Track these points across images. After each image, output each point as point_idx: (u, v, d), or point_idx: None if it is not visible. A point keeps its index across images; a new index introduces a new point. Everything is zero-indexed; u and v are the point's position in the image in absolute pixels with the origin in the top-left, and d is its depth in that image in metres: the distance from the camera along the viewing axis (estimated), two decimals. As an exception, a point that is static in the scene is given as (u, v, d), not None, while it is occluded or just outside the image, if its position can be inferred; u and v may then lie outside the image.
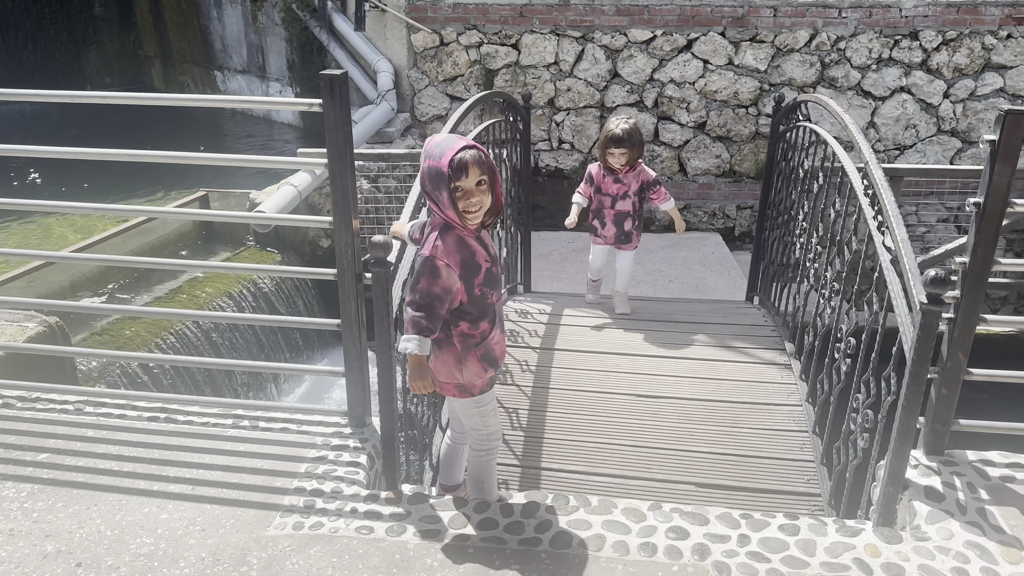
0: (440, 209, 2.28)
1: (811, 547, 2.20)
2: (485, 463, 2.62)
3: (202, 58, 11.76)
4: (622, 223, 4.52)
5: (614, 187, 4.45)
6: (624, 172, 4.39)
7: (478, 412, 2.55)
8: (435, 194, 2.27)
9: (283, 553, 2.19)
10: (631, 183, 4.44)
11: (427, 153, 2.28)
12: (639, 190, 4.49)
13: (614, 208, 4.48)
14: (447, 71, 7.58)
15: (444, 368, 2.42)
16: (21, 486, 2.47)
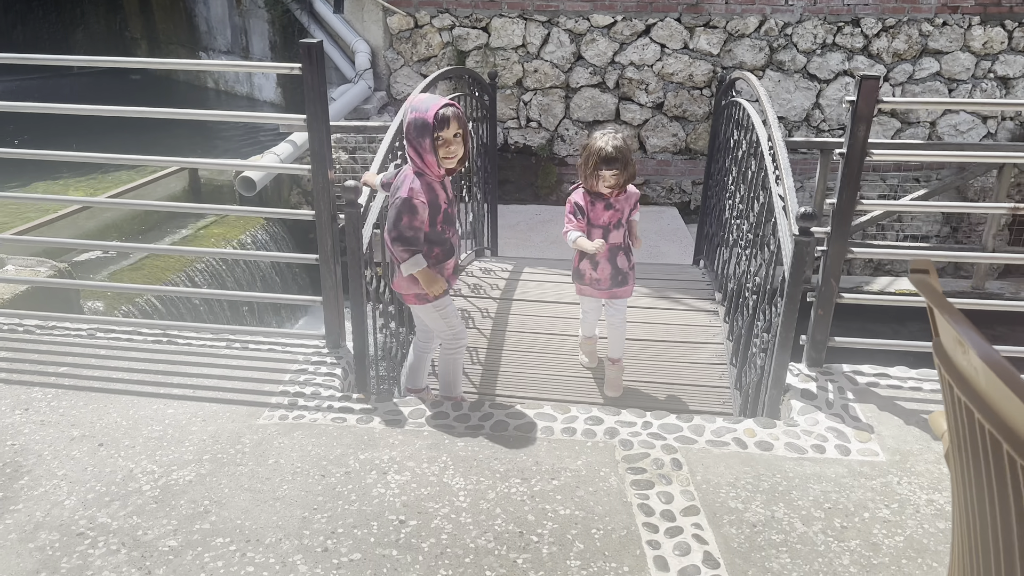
0: (420, 154, 2.80)
1: (700, 430, 2.72)
2: (453, 360, 3.14)
3: (187, 40, 12.09)
4: (616, 259, 3.62)
5: (606, 215, 3.51)
6: (616, 196, 3.50)
7: (440, 315, 3.08)
8: (418, 140, 2.78)
9: (271, 436, 2.67)
10: (624, 208, 3.55)
11: (413, 107, 2.81)
12: (630, 215, 3.63)
13: (607, 241, 3.54)
14: (421, 52, 8.02)
15: (404, 282, 2.97)
16: (47, 390, 2.93)
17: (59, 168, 7.08)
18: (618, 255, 3.65)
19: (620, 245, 3.64)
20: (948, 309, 0.89)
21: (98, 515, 2.27)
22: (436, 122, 2.76)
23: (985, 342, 0.83)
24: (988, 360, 0.80)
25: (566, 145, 8.17)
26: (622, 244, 3.64)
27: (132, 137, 8.36)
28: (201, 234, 5.67)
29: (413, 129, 2.79)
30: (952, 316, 0.87)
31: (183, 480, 2.43)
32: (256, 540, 2.18)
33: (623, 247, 3.65)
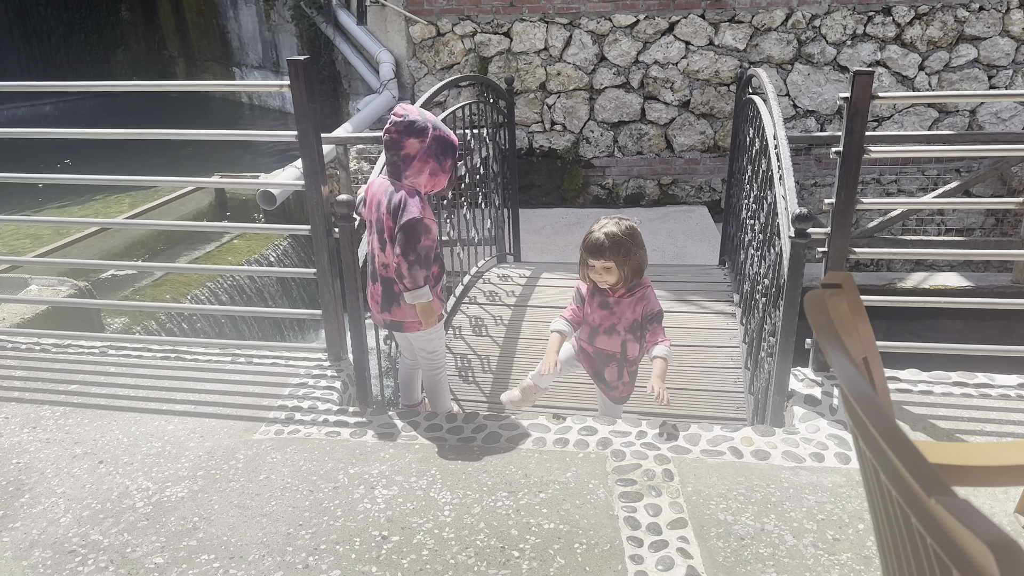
0: (439, 174, 2.76)
1: (696, 439, 2.66)
2: (439, 379, 3.14)
3: (221, 56, 12.36)
4: (602, 369, 3.04)
5: (598, 315, 2.96)
6: (617, 296, 2.91)
7: (437, 339, 3.05)
8: (442, 160, 2.73)
9: (265, 451, 2.70)
10: (623, 315, 2.92)
11: (436, 124, 2.75)
12: (635, 325, 2.94)
13: (593, 344, 3.01)
14: (444, 60, 8.05)
15: (412, 309, 2.88)
16: (55, 408, 3.01)
17: (93, 188, 7.31)
18: (608, 365, 3.00)
19: (612, 355, 2.97)
20: (830, 339, 0.84)
21: (91, 532, 2.32)
22: (455, 149, 2.79)
23: (859, 376, 0.78)
24: (858, 399, 0.75)
25: (591, 147, 8.11)
26: (617, 355, 2.96)
27: (168, 153, 8.59)
28: (225, 249, 5.79)
29: (440, 148, 2.70)
30: (831, 346, 0.82)
31: (175, 497, 2.47)
32: (240, 557, 2.20)
33: (617, 358, 2.98)
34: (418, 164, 2.71)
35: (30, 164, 3.34)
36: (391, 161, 2.76)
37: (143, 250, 5.62)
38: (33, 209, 3.99)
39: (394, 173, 2.76)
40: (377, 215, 2.79)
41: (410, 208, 2.67)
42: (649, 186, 8.15)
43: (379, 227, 2.80)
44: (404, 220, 2.68)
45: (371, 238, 2.89)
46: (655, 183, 8.15)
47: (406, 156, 2.72)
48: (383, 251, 2.82)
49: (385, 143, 2.78)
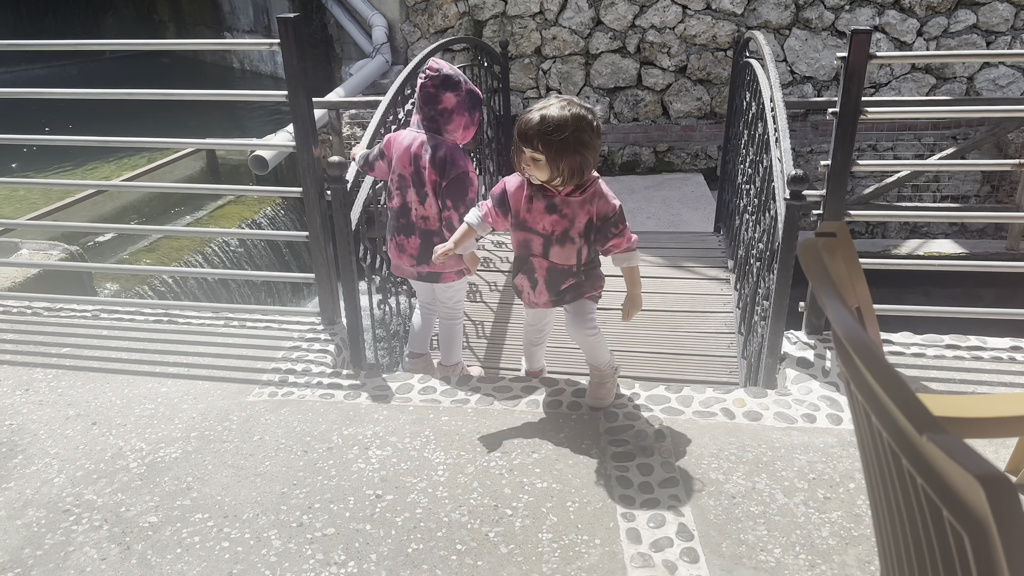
0: (468, 126, 2.77)
1: (688, 401, 2.67)
2: (457, 329, 3.19)
3: (212, 21, 12.18)
4: (558, 284, 2.57)
5: (547, 220, 2.45)
6: (565, 194, 2.40)
7: (463, 290, 3.11)
8: (473, 112, 2.74)
9: (259, 412, 2.70)
10: (576, 217, 2.43)
11: (465, 78, 2.75)
12: (590, 229, 2.45)
13: (548, 258, 2.51)
14: (438, 23, 7.94)
15: (451, 260, 2.75)
16: (48, 371, 3.00)
17: (85, 152, 7.23)
18: (566, 280, 2.56)
19: (568, 269, 2.52)
20: (824, 284, 0.83)
21: (85, 492, 2.32)
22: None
23: (852, 320, 0.77)
24: (851, 341, 0.75)
25: (587, 113, 8.04)
26: (573, 268, 2.52)
27: (158, 119, 8.50)
28: (218, 215, 5.74)
29: (471, 101, 2.71)
30: (825, 291, 0.81)
31: (169, 457, 2.47)
32: (234, 516, 2.21)
33: (575, 274, 2.54)
34: (457, 118, 2.73)
35: (19, 126, 3.30)
36: (429, 116, 2.74)
37: (135, 215, 5.57)
38: (24, 172, 3.94)
39: (433, 128, 2.73)
40: (415, 168, 2.74)
41: (458, 162, 2.69)
42: (645, 153, 8.10)
43: (417, 180, 2.75)
44: (454, 174, 2.69)
45: (401, 192, 2.83)
46: (651, 150, 8.10)
47: (443, 110, 2.71)
48: (423, 204, 2.78)
49: (421, 98, 2.75)
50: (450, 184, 2.70)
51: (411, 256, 2.94)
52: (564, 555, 2.02)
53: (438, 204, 2.77)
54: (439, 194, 2.75)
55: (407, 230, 2.90)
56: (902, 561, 0.86)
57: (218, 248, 5.33)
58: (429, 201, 2.80)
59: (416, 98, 2.82)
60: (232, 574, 2.00)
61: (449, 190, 2.70)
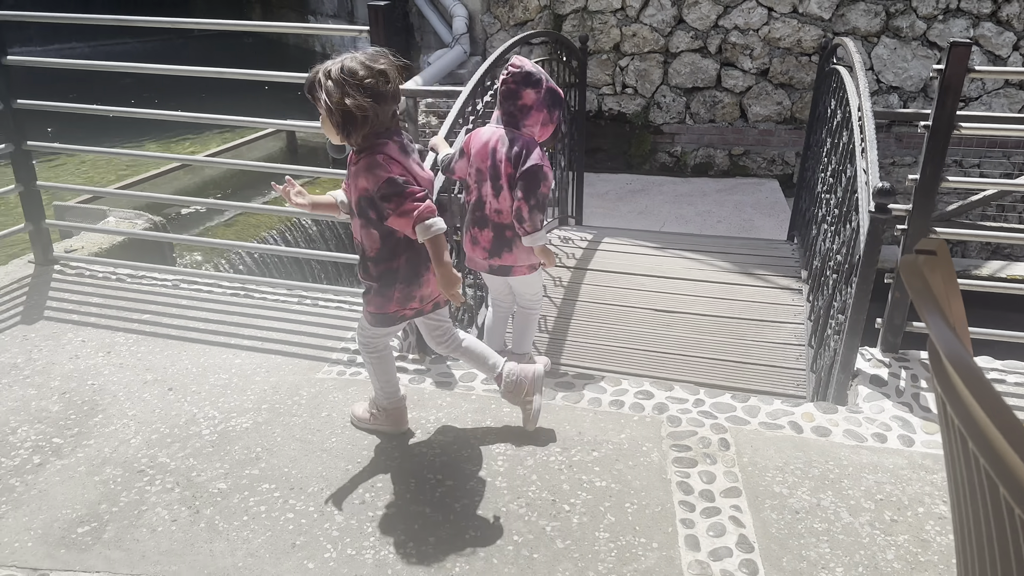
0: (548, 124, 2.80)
1: (755, 411, 2.63)
2: (533, 318, 3.21)
3: (297, 4, 12.44)
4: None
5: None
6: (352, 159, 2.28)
7: (539, 282, 3.12)
8: (552, 111, 2.79)
9: (327, 389, 2.76)
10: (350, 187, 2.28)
11: (548, 77, 2.79)
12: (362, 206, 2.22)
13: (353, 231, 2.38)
14: (518, 16, 7.96)
15: (524, 254, 2.88)
16: (129, 335, 3.13)
17: (171, 126, 7.48)
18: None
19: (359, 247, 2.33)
20: (927, 302, 0.81)
21: (159, 455, 2.42)
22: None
23: (956, 340, 0.75)
24: (954, 362, 0.72)
25: (663, 113, 7.95)
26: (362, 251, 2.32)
27: (242, 98, 8.72)
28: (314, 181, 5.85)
29: (551, 99, 2.76)
30: (928, 310, 0.79)
31: (240, 427, 2.55)
32: (300, 488, 2.27)
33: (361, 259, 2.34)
34: (535, 114, 2.77)
35: (109, 99, 3.42)
36: (508, 111, 2.79)
37: (216, 190, 5.75)
38: (113, 143, 4.10)
39: (511, 123, 2.79)
40: (492, 162, 2.80)
41: (533, 155, 2.74)
42: (719, 156, 7.97)
43: (494, 174, 2.80)
44: (527, 166, 2.73)
45: (478, 186, 2.88)
46: (726, 153, 7.97)
47: (523, 106, 2.76)
48: (497, 198, 2.83)
49: (502, 93, 2.79)
50: (523, 175, 2.74)
51: (484, 249, 2.96)
52: (620, 556, 2.01)
53: (512, 197, 2.81)
54: (513, 186, 2.79)
55: (481, 223, 2.93)
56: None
57: (292, 226, 5.46)
58: (503, 195, 2.83)
59: (498, 93, 2.85)
60: (295, 545, 2.05)
61: (522, 182, 2.74)
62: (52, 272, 3.62)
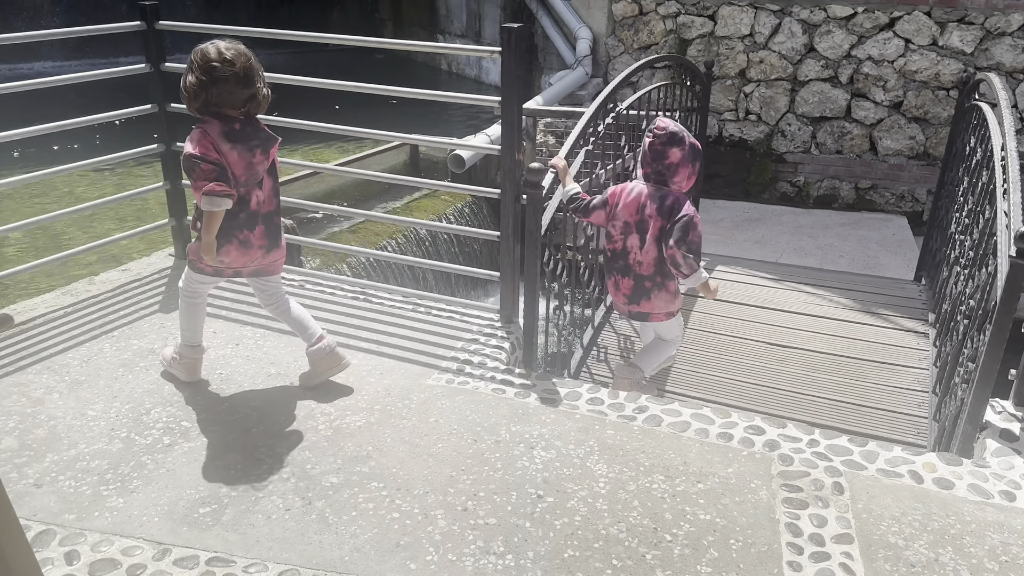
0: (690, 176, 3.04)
1: (873, 456, 2.51)
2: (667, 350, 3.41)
3: (427, 23, 12.87)
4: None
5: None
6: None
7: (677, 325, 3.31)
8: (694, 164, 3.03)
9: (436, 396, 2.83)
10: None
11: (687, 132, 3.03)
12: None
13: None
14: (642, 39, 7.95)
15: (662, 301, 3.14)
16: (256, 330, 3.31)
17: (304, 135, 7.85)
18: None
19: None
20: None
21: (277, 445, 2.54)
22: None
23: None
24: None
25: (786, 141, 7.75)
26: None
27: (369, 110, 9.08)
28: (413, 205, 6.08)
29: (693, 154, 2.99)
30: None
31: (353, 425, 2.65)
32: (406, 489, 2.34)
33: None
34: (682, 170, 3.01)
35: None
36: (656, 170, 3.02)
37: (342, 198, 6.01)
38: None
39: (660, 180, 3.02)
40: (641, 217, 3.01)
41: (685, 208, 2.98)
42: (844, 188, 7.68)
43: (641, 228, 3.01)
44: (682, 219, 2.97)
45: (623, 237, 3.10)
46: (851, 186, 7.67)
47: (670, 165, 3.00)
48: (642, 250, 3.05)
49: (650, 155, 3.00)
50: (676, 226, 2.96)
51: (624, 296, 3.17)
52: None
53: (656, 250, 3.02)
54: (661, 239, 2.99)
55: (623, 271, 3.13)
56: None
57: (409, 236, 5.64)
58: (648, 248, 3.05)
59: (643, 153, 3.05)
60: (400, 544, 2.11)
61: (675, 231, 2.96)
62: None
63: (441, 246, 5.92)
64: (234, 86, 2.53)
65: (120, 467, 2.42)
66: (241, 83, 2.54)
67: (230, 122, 2.58)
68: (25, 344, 3.12)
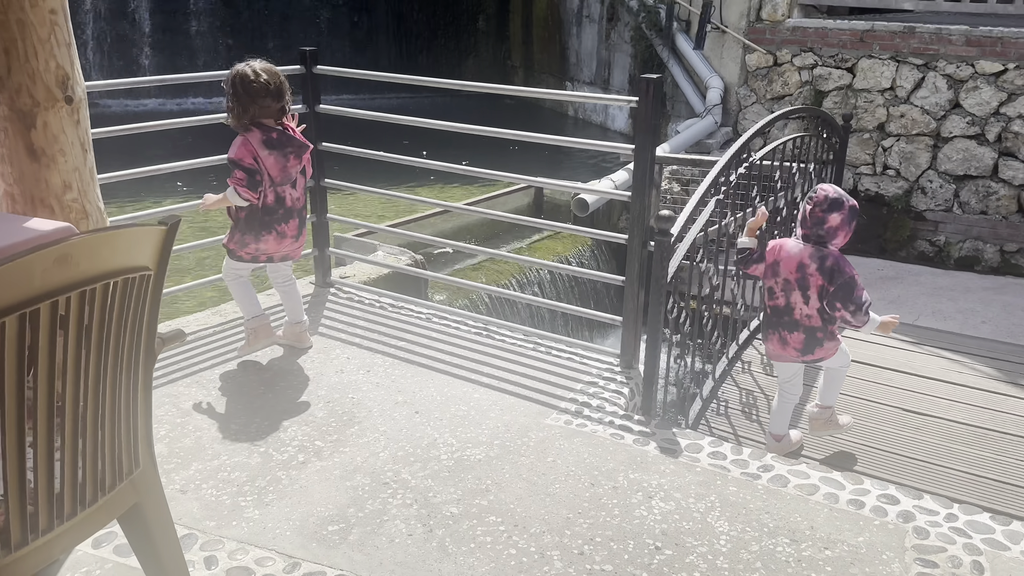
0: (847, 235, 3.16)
1: (1017, 537, 2.34)
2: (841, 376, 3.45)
3: (557, 70, 13.17)
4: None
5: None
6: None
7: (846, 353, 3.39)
8: (852, 224, 3.15)
9: (554, 436, 2.86)
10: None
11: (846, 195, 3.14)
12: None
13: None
14: (776, 90, 7.84)
15: (832, 343, 3.25)
16: (386, 359, 3.45)
17: (437, 174, 8.17)
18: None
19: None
20: None
21: (402, 471, 2.63)
22: None
23: None
24: None
25: (926, 198, 7.40)
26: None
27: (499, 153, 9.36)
28: (534, 247, 6.19)
29: (851, 216, 3.12)
30: None
31: (474, 458, 2.71)
32: (523, 526, 2.37)
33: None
34: (840, 233, 3.15)
35: (386, 145, 3.89)
36: (816, 234, 3.16)
37: (469, 236, 6.20)
38: (385, 184, 4.65)
39: (819, 242, 3.17)
40: (802, 275, 3.17)
41: (844, 269, 3.12)
42: (989, 251, 7.24)
43: (803, 285, 3.18)
44: (842, 280, 3.10)
45: (785, 294, 3.24)
46: (996, 248, 7.22)
47: (830, 228, 3.13)
48: (807, 305, 3.19)
49: (811, 220, 3.16)
50: (839, 288, 3.08)
51: (795, 349, 3.27)
52: (848, 665, 1.88)
53: (821, 304, 3.14)
54: (823, 296, 3.13)
55: (791, 326, 3.24)
56: None
57: (532, 276, 5.74)
58: (812, 302, 3.16)
59: (802, 217, 3.21)
60: (516, 580, 2.14)
61: (839, 293, 3.07)
62: (328, 294, 4.09)
63: (560, 287, 5.99)
64: (269, 99, 3.06)
65: (257, 480, 2.57)
66: (273, 96, 3.06)
67: (268, 131, 3.10)
68: (178, 359, 3.38)
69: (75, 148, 2.46)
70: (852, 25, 7.45)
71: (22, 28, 2.26)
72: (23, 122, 2.35)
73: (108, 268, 1.52)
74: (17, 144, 2.38)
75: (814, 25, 7.61)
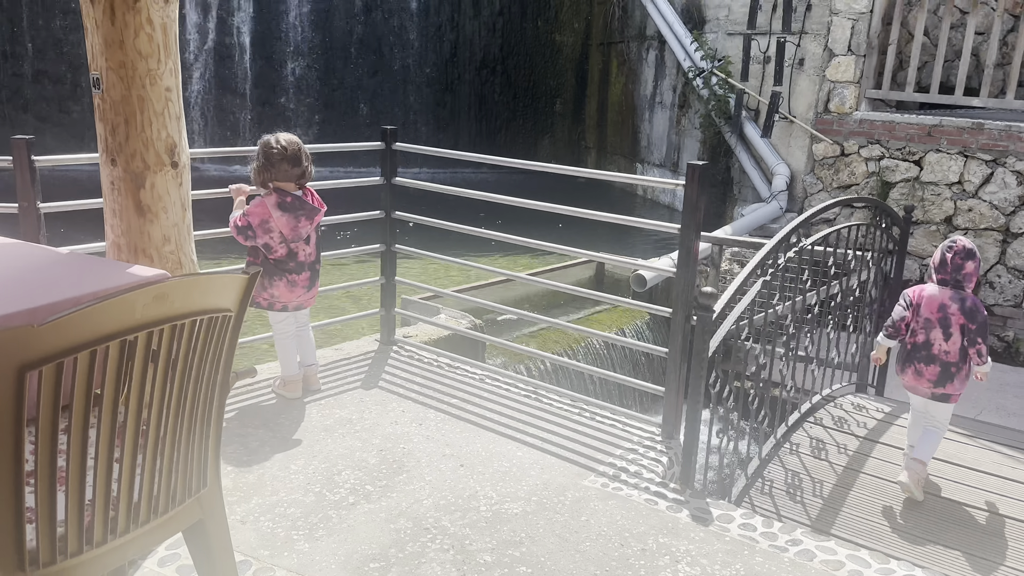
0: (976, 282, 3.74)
1: (1044, 629, 2.34)
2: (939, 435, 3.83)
3: (629, 152, 13.54)
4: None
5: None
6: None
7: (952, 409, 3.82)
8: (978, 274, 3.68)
9: (590, 496, 2.99)
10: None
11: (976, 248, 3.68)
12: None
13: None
14: (842, 179, 7.94)
15: (960, 383, 3.70)
16: (438, 414, 3.66)
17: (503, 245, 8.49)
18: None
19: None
20: None
21: (443, 518, 2.81)
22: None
23: None
24: None
25: (995, 293, 7.29)
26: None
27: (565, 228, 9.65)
28: (591, 319, 6.37)
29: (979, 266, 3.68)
30: None
31: (511, 511, 2.87)
32: (550, 578, 2.50)
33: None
34: (973, 277, 3.67)
35: (459, 216, 4.21)
36: (955, 278, 3.65)
37: (529, 304, 6.43)
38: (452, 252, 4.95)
39: (957, 286, 3.66)
40: (943, 315, 3.65)
41: (981, 310, 3.63)
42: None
43: (944, 323, 3.64)
44: (979, 320, 3.61)
45: (925, 331, 3.69)
46: (1071, 348, 7.03)
47: (966, 274, 3.64)
48: (947, 341, 3.64)
49: (951, 265, 3.62)
50: (978, 327, 3.62)
51: (929, 381, 3.70)
52: None
53: (960, 341, 3.62)
54: (965, 333, 3.62)
55: (928, 360, 3.69)
56: None
57: (585, 345, 5.89)
58: (953, 339, 3.62)
59: (940, 263, 3.68)
60: (538, 624, 2.26)
61: (977, 332, 3.61)
62: (391, 351, 4.36)
63: (615, 357, 6.12)
64: (286, 164, 3.44)
65: (310, 516, 2.79)
66: (290, 162, 3.44)
67: (284, 195, 3.46)
68: (250, 402, 3.66)
69: (176, 206, 2.81)
70: (920, 120, 7.54)
71: (141, 103, 2.63)
72: (134, 183, 2.71)
73: (197, 307, 1.79)
74: (127, 201, 2.73)
75: (882, 118, 7.73)
